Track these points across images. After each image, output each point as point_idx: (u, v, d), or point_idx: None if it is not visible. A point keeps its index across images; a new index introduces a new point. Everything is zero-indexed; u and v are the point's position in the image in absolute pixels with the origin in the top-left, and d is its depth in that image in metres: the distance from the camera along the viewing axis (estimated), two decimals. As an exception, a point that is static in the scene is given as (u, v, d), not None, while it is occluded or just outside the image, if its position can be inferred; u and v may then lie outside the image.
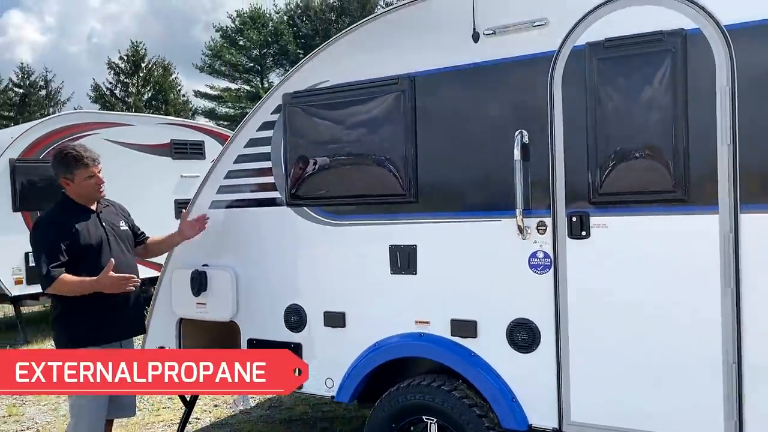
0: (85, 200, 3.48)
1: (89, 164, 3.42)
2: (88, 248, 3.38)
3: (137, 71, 38.55)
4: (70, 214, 3.42)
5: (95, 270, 3.34)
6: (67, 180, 3.42)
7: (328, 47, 3.62)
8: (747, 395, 2.65)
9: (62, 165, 3.41)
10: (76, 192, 3.45)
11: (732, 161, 2.63)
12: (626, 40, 2.80)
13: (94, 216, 3.49)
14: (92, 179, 3.44)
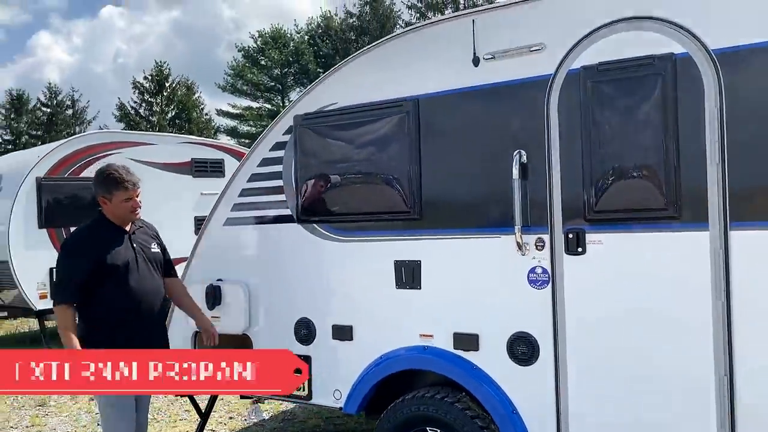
0: (119, 221, 3.52)
1: (129, 188, 3.46)
2: (116, 268, 3.40)
3: (161, 90, 39.29)
4: (102, 232, 3.47)
5: (120, 290, 3.38)
6: (105, 199, 3.46)
7: (336, 71, 3.79)
8: (739, 406, 2.71)
9: (103, 184, 3.46)
10: (112, 212, 3.49)
11: (721, 180, 2.72)
12: (619, 64, 2.92)
13: (125, 236, 3.52)
14: (129, 202, 3.48)
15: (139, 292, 3.44)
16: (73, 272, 3.36)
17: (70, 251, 3.45)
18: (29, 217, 8.58)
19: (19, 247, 8.46)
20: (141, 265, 3.50)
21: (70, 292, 3.35)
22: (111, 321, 3.38)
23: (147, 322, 3.49)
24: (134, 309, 3.43)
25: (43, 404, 6.60)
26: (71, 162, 8.98)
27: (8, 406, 6.59)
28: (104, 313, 3.39)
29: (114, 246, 3.44)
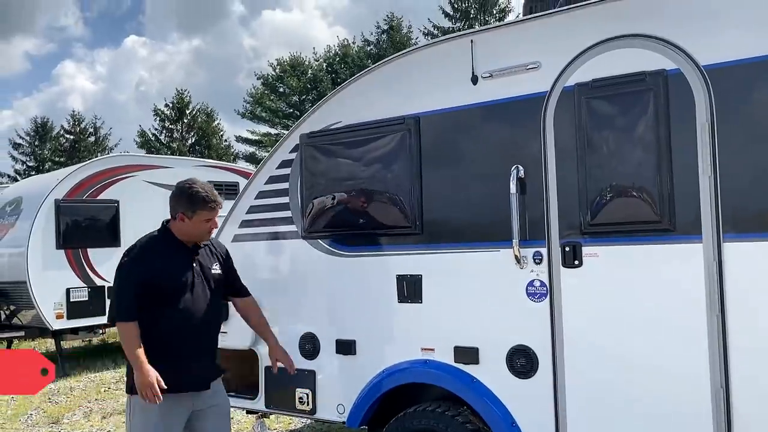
0: (190, 239, 3.31)
1: (214, 208, 3.26)
2: (172, 287, 3.20)
3: (182, 117, 39.96)
4: (165, 248, 3.27)
5: (174, 309, 3.19)
6: (186, 216, 3.22)
7: (340, 91, 3.90)
8: (735, 418, 2.71)
9: (187, 200, 3.22)
10: (186, 230, 3.26)
11: (713, 192, 2.76)
12: (612, 81, 2.98)
13: (188, 255, 3.30)
14: (209, 223, 3.29)
15: (192, 315, 3.22)
16: (131, 286, 3.17)
17: (130, 263, 3.24)
18: (47, 238, 8.78)
19: (37, 268, 8.64)
20: (198, 286, 3.27)
21: (130, 307, 3.14)
22: (159, 346, 3.15)
23: (196, 345, 3.27)
24: (186, 334, 3.21)
25: (57, 422, 6.68)
26: (90, 184, 9.19)
27: (22, 423, 6.68)
28: (155, 335, 3.15)
29: (174, 263, 3.26)
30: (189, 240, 3.30)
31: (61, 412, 6.98)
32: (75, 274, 8.91)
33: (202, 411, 3.28)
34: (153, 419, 3.12)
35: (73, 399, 7.62)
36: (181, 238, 3.29)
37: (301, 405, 3.96)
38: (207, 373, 3.32)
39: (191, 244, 3.32)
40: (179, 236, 3.29)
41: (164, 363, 3.11)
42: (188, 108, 40.27)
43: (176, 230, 3.28)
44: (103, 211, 9.32)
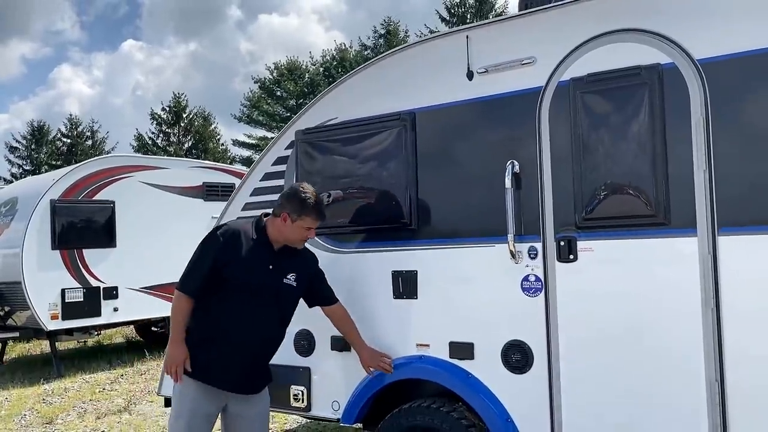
0: (280, 241, 3.29)
1: (318, 219, 3.29)
2: (238, 281, 3.17)
3: (178, 121, 39.96)
4: (253, 241, 3.24)
5: (235, 308, 3.17)
6: (290, 217, 3.22)
7: (336, 87, 3.90)
8: (730, 411, 2.71)
9: (297, 203, 3.22)
10: (284, 231, 3.25)
11: (708, 186, 2.76)
12: (607, 75, 2.99)
13: (272, 256, 3.27)
14: (308, 232, 3.30)
15: (249, 318, 3.18)
16: (204, 263, 3.17)
17: (211, 240, 3.23)
18: (43, 238, 8.75)
19: (32, 268, 8.61)
20: (267, 291, 3.24)
21: (194, 283, 3.16)
22: (207, 331, 3.18)
23: (251, 353, 3.25)
24: (234, 334, 3.18)
25: (51, 422, 6.65)
26: (85, 185, 9.17)
27: (16, 423, 6.65)
28: (206, 320, 3.17)
29: (254, 258, 3.21)
30: (280, 242, 3.29)
31: (55, 413, 6.95)
32: (70, 274, 8.88)
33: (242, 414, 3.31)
34: (184, 399, 3.22)
35: (68, 400, 7.59)
36: (273, 238, 3.28)
37: (295, 402, 3.94)
38: (247, 381, 3.30)
39: (279, 247, 3.30)
40: (272, 236, 3.28)
41: (211, 351, 3.18)
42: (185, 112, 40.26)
43: (273, 228, 3.27)
44: (98, 212, 9.30)
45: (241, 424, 3.34)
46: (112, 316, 9.25)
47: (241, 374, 3.25)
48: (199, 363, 3.18)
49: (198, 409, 3.22)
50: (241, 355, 3.22)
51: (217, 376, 3.20)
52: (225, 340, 3.18)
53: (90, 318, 9.03)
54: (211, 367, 3.17)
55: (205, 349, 3.16)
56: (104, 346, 11.26)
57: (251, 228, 3.27)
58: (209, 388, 3.20)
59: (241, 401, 3.32)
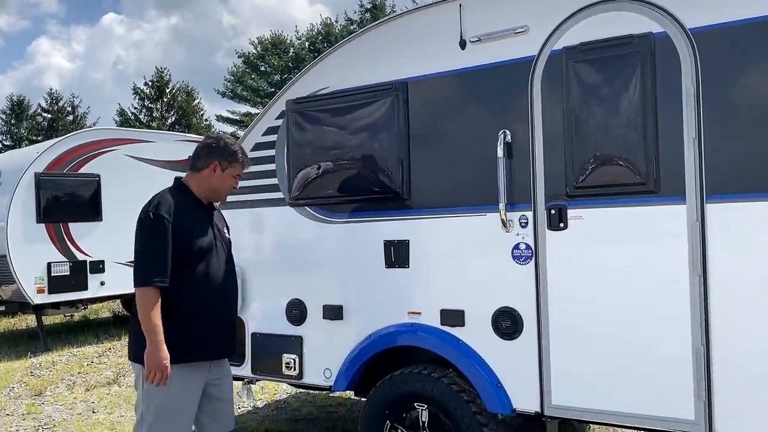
0: (209, 195, 3.19)
1: (245, 165, 3.25)
2: (199, 250, 3.05)
3: (161, 96, 39.44)
4: (188, 204, 3.09)
5: (198, 277, 3.03)
6: (219, 167, 3.13)
7: (327, 56, 3.88)
8: (715, 377, 2.78)
9: (224, 152, 3.14)
10: (212, 183, 3.15)
11: (698, 154, 2.81)
12: (599, 44, 3.01)
13: (208, 214, 3.18)
14: (235, 180, 3.24)
15: (218, 280, 3.11)
16: (164, 245, 2.94)
17: (159, 220, 2.96)
18: (28, 212, 8.67)
19: (17, 242, 8.54)
20: (220, 251, 3.16)
21: (163, 269, 2.93)
22: (185, 312, 3.01)
23: (222, 310, 3.15)
24: (211, 299, 3.08)
25: (40, 394, 6.66)
26: (70, 158, 9.08)
27: (5, 396, 6.65)
28: (179, 301, 2.98)
29: (200, 222, 3.11)
30: (208, 197, 3.19)
31: (44, 385, 6.96)
32: (56, 248, 8.83)
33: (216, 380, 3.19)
34: (172, 389, 2.96)
35: (56, 372, 7.59)
36: (200, 194, 3.16)
37: (287, 370, 3.98)
38: (231, 340, 3.24)
39: (207, 203, 3.21)
40: (199, 192, 3.15)
41: (189, 327, 3.01)
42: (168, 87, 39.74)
43: (199, 184, 3.15)
44: (84, 185, 9.22)
45: (216, 390, 3.21)
46: (99, 290, 9.22)
47: (222, 337, 3.17)
48: (181, 344, 2.98)
49: (191, 392, 3.08)
50: (218, 319, 3.13)
51: (204, 349, 3.09)
52: (201, 312, 3.06)
53: (77, 292, 9.00)
54: (196, 343, 3.04)
55: (186, 328, 3.00)
56: (91, 321, 11.23)
57: (179, 193, 3.11)
58: (195, 365, 3.06)
59: (218, 366, 3.22)
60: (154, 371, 2.90)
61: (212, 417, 3.19)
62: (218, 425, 3.22)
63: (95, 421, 5.64)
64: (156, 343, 2.89)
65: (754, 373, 2.71)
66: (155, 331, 2.89)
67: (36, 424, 5.63)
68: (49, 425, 5.59)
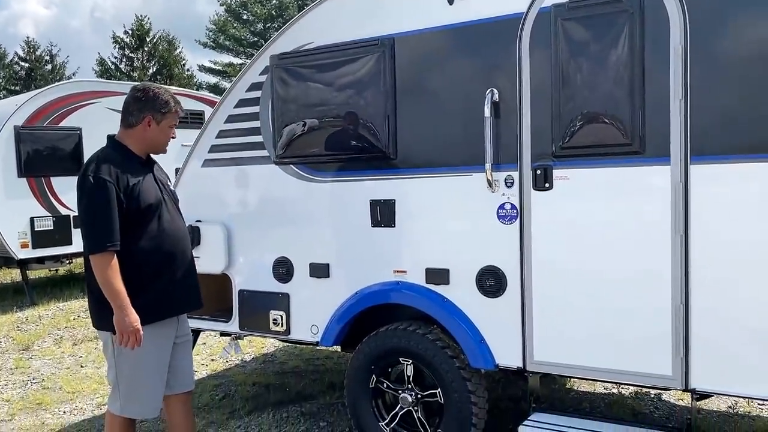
0: (147, 150, 3.11)
1: (179, 113, 3.13)
2: (149, 208, 2.98)
3: (142, 46, 38.51)
4: (128, 162, 3.00)
5: (153, 234, 2.99)
6: (153, 119, 3.03)
7: (312, 10, 3.79)
8: (693, 333, 2.86)
9: (155, 102, 3.02)
10: (150, 137, 3.06)
11: (684, 116, 2.81)
12: (588, 2, 2.96)
13: (149, 170, 3.10)
14: (171, 130, 3.12)
15: (173, 234, 3.07)
16: (111, 207, 2.86)
17: (101, 182, 2.87)
18: (8, 166, 8.54)
19: (-1, 197, 8.44)
20: (169, 205, 3.11)
21: (113, 232, 2.85)
22: (146, 270, 2.97)
23: (182, 263, 3.11)
24: (171, 254, 3.05)
25: (27, 348, 6.70)
26: (50, 111, 8.91)
27: (-8, 350, 6.68)
28: (139, 260, 2.95)
29: (143, 179, 3.01)
30: (147, 151, 3.11)
31: (31, 339, 6.99)
32: (38, 202, 8.74)
33: (180, 338, 3.19)
34: (146, 350, 2.95)
35: (42, 327, 7.62)
36: (139, 150, 3.07)
37: (275, 326, 4.03)
38: (196, 292, 3.22)
39: (146, 157, 3.13)
40: (137, 148, 3.07)
41: (154, 285, 2.99)
42: (149, 35, 38.78)
43: (136, 140, 3.06)
44: (65, 139, 9.08)
45: (181, 348, 3.23)
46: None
47: (187, 289, 3.16)
48: (148, 304, 2.96)
49: (162, 350, 3.08)
50: (181, 272, 3.10)
51: (173, 304, 3.09)
52: (161, 268, 3.02)
53: (61, 246, 8.96)
54: (163, 300, 3.03)
55: (149, 287, 2.97)
56: (76, 275, 11.22)
57: (116, 153, 3.02)
58: (165, 322, 3.06)
59: (182, 322, 3.23)
60: (126, 335, 2.87)
61: (178, 374, 3.20)
62: (185, 382, 3.25)
63: (84, 375, 5.70)
64: (123, 308, 2.85)
65: (730, 331, 2.78)
66: (119, 296, 2.85)
67: (24, 379, 5.68)
68: (38, 379, 5.64)
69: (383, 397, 3.73)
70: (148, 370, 3.04)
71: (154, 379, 3.07)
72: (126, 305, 2.86)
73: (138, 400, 3.06)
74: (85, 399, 5.08)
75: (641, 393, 4.58)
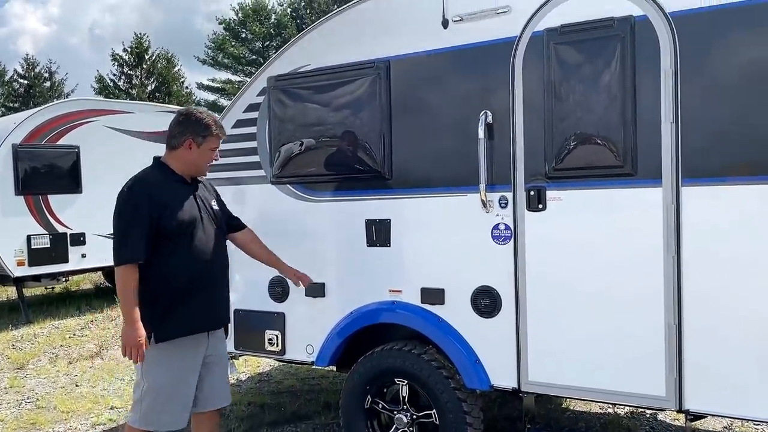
0: (189, 171, 3.19)
1: (221, 136, 3.20)
2: (180, 225, 3.05)
3: (141, 63, 38.74)
4: (167, 183, 3.11)
5: (184, 251, 3.06)
6: (194, 143, 3.11)
7: (310, 33, 3.85)
8: (686, 354, 2.87)
9: (196, 126, 3.12)
10: (191, 160, 3.15)
11: (675, 138, 2.85)
12: (580, 26, 3.01)
13: (190, 189, 3.17)
14: (213, 153, 3.21)
15: (206, 252, 3.12)
16: (139, 222, 2.96)
17: (134, 198, 3.01)
18: (6, 183, 8.55)
19: (-5, 214, 8.45)
20: (206, 223, 3.16)
21: (137, 247, 2.95)
22: (175, 287, 3.05)
23: (212, 287, 3.18)
24: (200, 272, 3.11)
25: (22, 367, 6.67)
26: (48, 129, 8.94)
27: (-13, 369, 6.65)
28: (168, 276, 3.04)
29: (181, 198, 3.10)
30: (189, 173, 3.20)
31: (26, 358, 6.96)
32: (36, 220, 8.74)
33: (211, 357, 3.24)
34: (169, 365, 3.05)
35: (38, 345, 7.59)
36: (181, 171, 3.16)
37: (270, 346, 4.03)
38: (223, 311, 3.30)
39: (190, 178, 3.21)
40: (179, 169, 3.16)
41: (180, 302, 3.05)
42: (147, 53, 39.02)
43: (178, 161, 3.15)
44: (63, 157, 9.11)
45: (212, 366, 3.28)
46: (80, 263, 9.18)
47: (212, 310, 3.22)
48: (176, 318, 3.06)
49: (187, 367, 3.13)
50: (210, 291, 3.18)
51: (198, 322, 3.15)
52: (190, 285, 3.09)
53: (57, 264, 8.95)
54: (189, 317, 3.10)
55: (178, 304, 3.06)
56: (72, 293, 11.20)
57: (158, 172, 3.15)
58: (193, 339, 3.14)
59: (216, 341, 3.28)
60: (130, 348, 2.95)
61: (207, 392, 3.24)
62: (213, 401, 3.29)
63: (78, 394, 5.68)
64: (131, 321, 2.94)
65: (723, 351, 2.80)
66: (130, 310, 2.95)
67: (19, 398, 5.66)
68: (33, 399, 5.61)
69: (378, 417, 3.73)
70: (169, 385, 3.10)
71: (177, 397, 3.11)
72: (135, 319, 2.94)
73: (157, 413, 3.10)
74: (79, 419, 5.06)
75: (637, 413, 4.58)
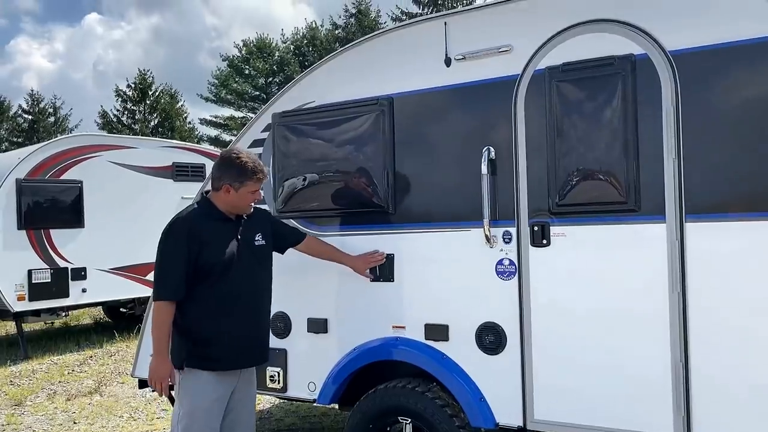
0: (231, 210, 3.26)
1: (261, 179, 3.24)
2: (217, 263, 3.13)
3: (144, 99, 39.20)
4: (209, 221, 3.20)
5: (221, 289, 3.15)
6: (232, 187, 3.18)
7: (314, 70, 3.90)
8: (694, 391, 2.84)
9: (235, 171, 3.18)
10: (231, 201, 3.22)
11: (677, 174, 2.86)
12: (581, 65, 3.05)
13: (233, 228, 3.25)
14: (254, 195, 3.26)
15: (242, 291, 3.21)
16: (178, 260, 3.09)
17: (174, 236, 3.14)
18: (8, 218, 8.57)
19: (-3, 249, 8.44)
20: (245, 259, 3.23)
21: (175, 285, 3.08)
22: (209, 323, 3.15)
23: (249, 319, 3.26)
24: (235, 310, 3.18)
25: (20, 404, 6.59)
26: (52, 164, 9.00)
27: (-16, 406, 6.57)
28: (203, 312, 3.14)
29: (221, 236, 3.20)
30: (232, 212, 3.26)
31: (24, 394, 6.89)
32: (37, 255, 8.73)
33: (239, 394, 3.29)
34: (201, 394, 3.16)
35: (36, 381, 7.51)
36: (224, 210, 3.24)
37: (272, 383, 3.99)
38: (258, 349, 3.35)
39: (234, 216, 3.28)
40: (222, 208, 3.24)
41: (213, 337, 3.15)
42: (151, 89, 39.50)
43: (220, 202, 3.23)
44: (66, 192, 9.14)
45: (239, 402, 3.32)
46: (80, 297, 9.14)
47: (254, 345, 3.31)
48: (215, 353, 3.15)
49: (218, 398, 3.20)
50: (250, 328, 3.27)
51: (228, 359, 3.21)
52: (230, 323, 3.17)
53: (58, 299, 8.91)
54: (228, 352, 3.18)
55: (216, 340, 3.15)
56: (72, 328, 11.13)
57: (202, 210, 3.25)
58: (223, 374, 3.20)
59: (246, 379, 3.35)
60: (154, 381, 3.16)
61: (231, 428, 3.30)
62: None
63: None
64: (159, 355, 3.11)
65: (731, 389, 2.76)
66: (161, 344, 3.11)
67: (16, 436, 5.58)
68: (30, 436, 5.53)
69: (382, 456, 3.67)
70: (199, 413, 3.17)
71: (203, 424, 3.17)
72: (163, 354, 3.11)
73: None
74: (76, 457, 4.97)
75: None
